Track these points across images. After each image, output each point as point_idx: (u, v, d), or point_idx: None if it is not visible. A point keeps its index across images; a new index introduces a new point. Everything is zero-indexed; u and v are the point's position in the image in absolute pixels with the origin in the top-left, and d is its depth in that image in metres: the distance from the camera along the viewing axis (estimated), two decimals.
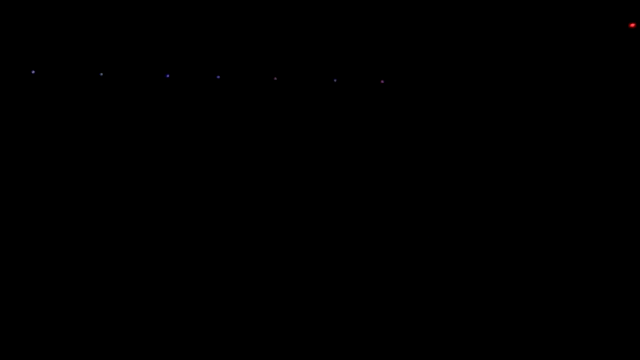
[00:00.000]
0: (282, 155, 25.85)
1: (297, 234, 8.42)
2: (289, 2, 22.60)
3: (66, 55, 23.88)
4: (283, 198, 14.78)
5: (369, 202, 10.77)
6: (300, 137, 26.91)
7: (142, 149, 25.19)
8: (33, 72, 23.79)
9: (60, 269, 7.20)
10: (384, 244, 7.27)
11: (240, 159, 25.52)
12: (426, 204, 9.57)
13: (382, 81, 26.27)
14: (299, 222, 9.36)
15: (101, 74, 24.29)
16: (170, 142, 25.98)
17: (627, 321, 4.95)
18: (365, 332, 4.98)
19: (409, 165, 27.81)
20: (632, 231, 7.36)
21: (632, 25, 22.42)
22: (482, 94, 26.21)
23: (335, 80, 25.95)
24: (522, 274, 6.10)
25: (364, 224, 8.65)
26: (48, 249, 8.11)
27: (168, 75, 24.78)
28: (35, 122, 24.90)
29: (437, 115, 26.60)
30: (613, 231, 7.45)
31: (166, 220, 10.11)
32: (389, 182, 18.21)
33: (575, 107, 24.40)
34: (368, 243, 7.31)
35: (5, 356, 5.92)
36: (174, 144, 25.88)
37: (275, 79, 25.51)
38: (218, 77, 25.11)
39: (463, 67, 24.96)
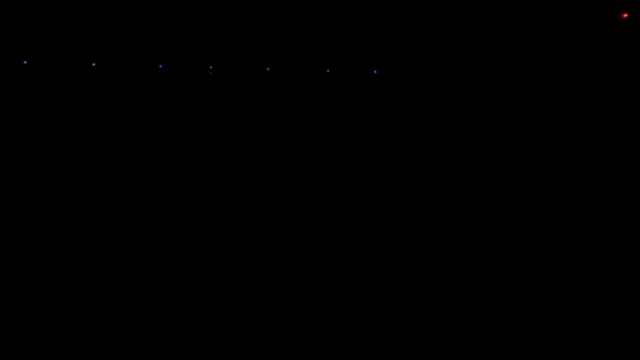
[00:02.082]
0: (275, 146, 25.86)
1: (289, 225, 8.44)
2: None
3: (58, 46, 23.82)
4: (274, 188, 14.79)
5: (361, 194, 10.81)
6: (293, 127, 26.88)
7: (133, 138, 25.14)
8: (25, 62, 23.72)
9: (48, 261, 7.20)
10: (375, 235, 7.28)
11: (232, 149, 25.51)
12: (418, 197, 9.60)
13: (375, 71, 26.29)
14: (291, 214, 9.38)
15: (94, 64, 24.24)
16: (163, 132, 25.93)
17: (628, 321, 4.99)
18: (362, 331, 5.00)
19: (401, 155, 27.81)
20: (633, 229, 7.39)
21: (625, 15, 22.49)
22: (472, 86, 26.22)
23: (328, 71, 25.96)
24: (516, 272, 6.12)
25: (356, 216, 8.67)
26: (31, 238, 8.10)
27: (161, 66, 24.75)
28: (24, 113, 24.80)
29: (429, 106, 26.60)
30: (613, 229, 7.48)
31: (156, 212, 10.11)
32: (381, 174, 18.25)
33: (566, 95, 24.42)
34: (359, 233, 7.33)
35: (5, 356, 5.93)
36: (166, 134, 25.84)
37: (268, 69, 25.52)
38: (211, 67, 25.10)
39: (455, 57, 24.99)
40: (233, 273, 6.30)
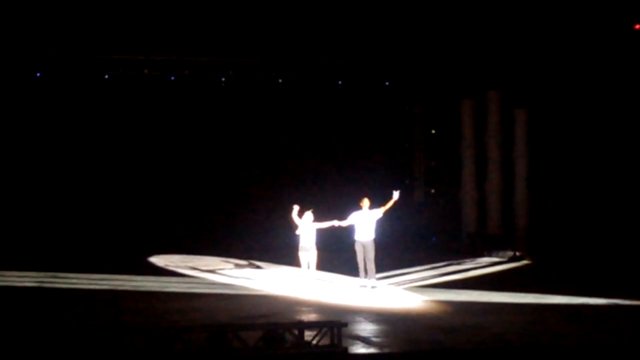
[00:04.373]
0: (285, 157, 25.81)
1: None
2: (296, 4, 22.51)
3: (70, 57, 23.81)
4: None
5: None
6: (305, 140, 26.83)
7: (146, 149, 25.10)
8: (38, 74, 23.66)
9: None
10: None
11: (240, 159, 25.45)
12: None
13: (387, 83, 26.17)
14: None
15: (106, 77, 24.18)
16: (177, 143, 25.89)
17: None
18: None
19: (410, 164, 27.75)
20: None
21: (638, 27, 22.42)
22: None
23: (340, 83, 25.87)
24: None
25: None
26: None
27: (173, 78, 24.67)
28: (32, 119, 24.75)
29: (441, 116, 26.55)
30: None
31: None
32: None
33: None
34: None
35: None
36: (180, 145, 25.80)
37: (280, 81, 25.41)
38: (223, 79, 24.99)
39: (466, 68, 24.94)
40: None
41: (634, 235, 21.75)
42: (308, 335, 8.68)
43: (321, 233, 14.74)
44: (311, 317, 11.65)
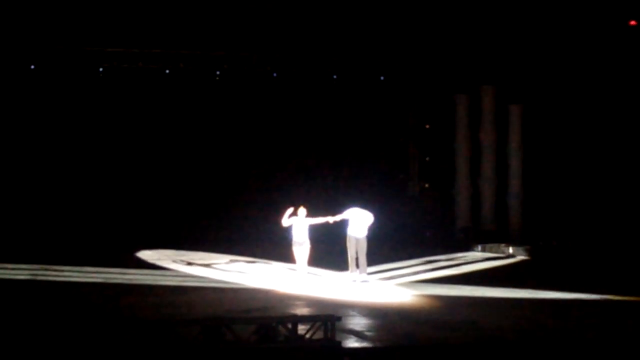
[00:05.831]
0: (281, 152, 25.86)
1: None
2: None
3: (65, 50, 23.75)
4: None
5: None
6: (300, 134, 26.88)
7: (138, 143, 25.12)
8: (32, 67, 23.63)
9: None
10: None
11: (237, 155, 25.48)
12: None
13: (382, 77, 26.18)
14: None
15: (101, 70, 24.16)
16: (169, 136, 25.91)
17: None
18: None
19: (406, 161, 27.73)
20: None
21: (633, 23, 22.47)
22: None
23: (335, 77, 25.86)
24: None
25: None
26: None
27: (168, 71, 24.65)
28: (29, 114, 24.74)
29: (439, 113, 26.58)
30: None
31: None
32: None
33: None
34: None
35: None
36: (171, 142, 25.83)
37: (275, 75, 25.40)
38: (218, 73, 24.98)
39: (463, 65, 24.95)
40: None
41: (628, 229, 21.85)
42: (302, 329, 8.71)
43: (317, 228, 14.79)
44: (304, 311, 11.68)
